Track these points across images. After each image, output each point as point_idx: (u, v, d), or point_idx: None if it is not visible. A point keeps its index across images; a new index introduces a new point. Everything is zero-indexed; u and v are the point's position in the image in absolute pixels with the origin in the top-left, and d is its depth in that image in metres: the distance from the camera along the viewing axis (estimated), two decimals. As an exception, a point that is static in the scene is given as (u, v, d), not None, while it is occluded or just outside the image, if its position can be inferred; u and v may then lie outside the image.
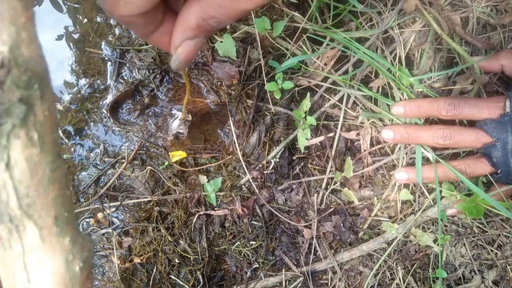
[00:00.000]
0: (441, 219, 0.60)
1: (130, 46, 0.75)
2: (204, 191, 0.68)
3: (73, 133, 0.75)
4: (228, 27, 0.68)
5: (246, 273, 0.68)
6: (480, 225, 0.65)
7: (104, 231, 0.72)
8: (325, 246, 0.66)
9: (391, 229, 0.63)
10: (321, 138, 0.66)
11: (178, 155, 0.70)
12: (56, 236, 0.22)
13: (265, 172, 0.67)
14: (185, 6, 0.30)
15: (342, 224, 0.65)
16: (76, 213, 0.72)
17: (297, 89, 0.68)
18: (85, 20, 0.77)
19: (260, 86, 0.69)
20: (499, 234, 0.65)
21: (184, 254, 0.68)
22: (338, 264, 0.66)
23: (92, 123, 0.75)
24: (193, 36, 0.30)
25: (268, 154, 0.68)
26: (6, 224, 0.20)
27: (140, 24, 0.30)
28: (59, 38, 0.77)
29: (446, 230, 0.65)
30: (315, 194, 0.66)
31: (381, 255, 0.65)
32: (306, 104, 0.63)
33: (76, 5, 0.77)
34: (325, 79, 0.66)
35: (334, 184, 0.66)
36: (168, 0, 0.32)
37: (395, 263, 0.66)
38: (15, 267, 0.21)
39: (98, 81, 0.76)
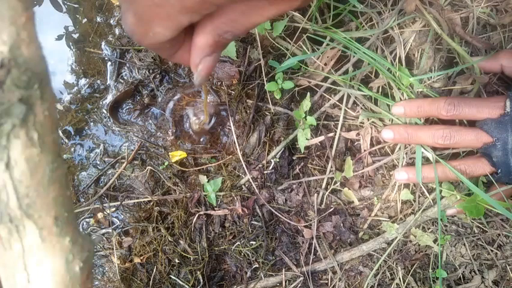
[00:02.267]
0: (441, 219, 0.60)
1: (130, 46, 0.75)
2: (204, 191, 0.68)
3: (73, 133, 0.75)
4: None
5: (246, 273, 0.67)
6: (480, 225, 0.65)
7: (104, 231, 0.72)
8: (325, 246, 0.66)
9: (391, 229, 0.63)
10: (321, 138, 0.66)
11: (178, 155, 0.70)
12: (56, 236, 0.22)
13: (265, 172, 0.67)
14: (198, 27, 0.32)
15: (342, 224, 0.65)
16: (76, 213, 0.72)
17: (297, 89, 0.68)
18: (85, 20, 0.77)
19: (260, 86, 0.69)
20: (499, 234, 0.65)
21: (184, 254, 0.68)
22: (338, 264, 0.66)
23: (92, 123, 0.75)
24: (211, 53, 0.33)
25: (268, 154, 0.68)
26: (6, 224, 0.20)
27: (166, 48, 0.33)
28: (59, 38, 0.77)
29: (446, 230, 0.65)
30: (315, 194, 0.66)
31: (381, 255, 0.65)
32: (306, 104, 0.63)
33: (76, 5, 0.77)
34: (325, 79, 0.66)
35: (334, 184, 0.66)
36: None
37: (395, 263, 0.66)
38: (15, 267, 0.21)
39: (98, 81, 0.76)
